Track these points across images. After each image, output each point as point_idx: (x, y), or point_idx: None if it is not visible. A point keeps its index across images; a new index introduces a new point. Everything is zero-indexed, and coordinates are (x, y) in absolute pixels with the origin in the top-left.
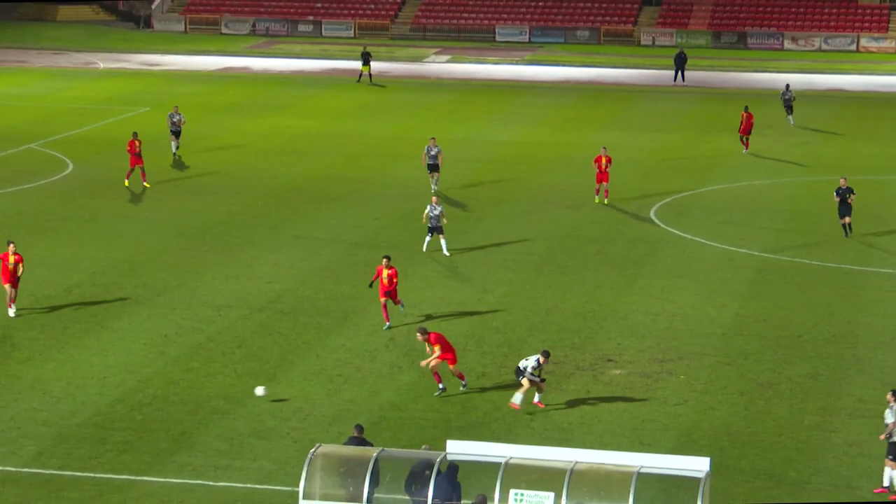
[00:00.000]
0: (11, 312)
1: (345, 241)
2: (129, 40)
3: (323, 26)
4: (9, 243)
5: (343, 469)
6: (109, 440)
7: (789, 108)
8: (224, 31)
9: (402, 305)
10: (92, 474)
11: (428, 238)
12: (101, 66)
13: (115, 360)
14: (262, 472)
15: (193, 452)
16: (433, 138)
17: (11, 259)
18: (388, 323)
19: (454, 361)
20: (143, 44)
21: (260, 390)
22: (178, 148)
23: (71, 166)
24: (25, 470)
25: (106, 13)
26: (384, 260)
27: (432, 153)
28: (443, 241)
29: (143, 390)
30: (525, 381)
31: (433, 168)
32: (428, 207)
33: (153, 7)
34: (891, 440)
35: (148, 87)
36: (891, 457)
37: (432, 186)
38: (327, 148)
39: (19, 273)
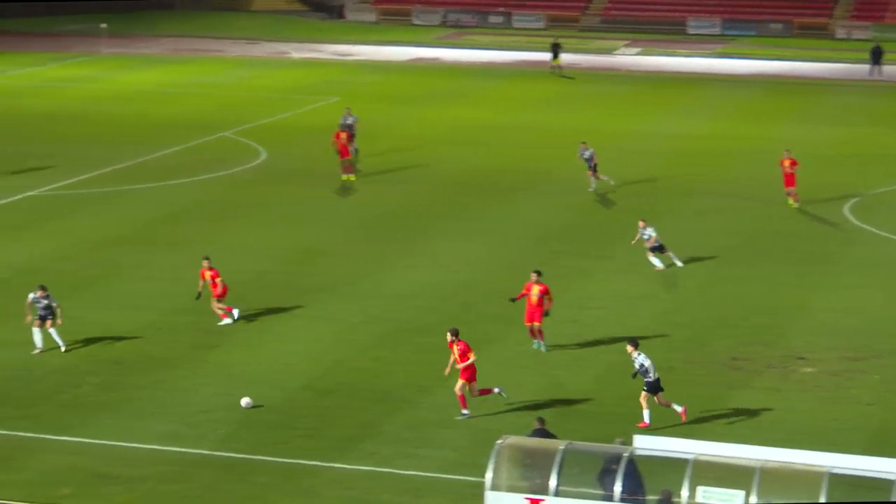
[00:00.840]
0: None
1: (530, 234)
2: (321, 30)
3: (513, 18)
4: (204, 259)
5: (529, 461)
6: (297, 426)
7: None
8: (415, 21)
9: (544, 345)
10: (280, 459)
11: (652, 258)
12: (294, 55)
13: (302, 348)
14: (448, 462)
15: (380, 440)
16: (583, 144)
17: (207, 275)
18: (540, 343)
19: (470, 378)
20: (334, 34)
21: (245, 401)
22: (356, 151)
23: (263, 154)
24: (215, 453)
25: (299, 3)
26: (533, 275)
27: (585, 155)
28: (671, 254)
29: (329, 378)
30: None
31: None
32: (639, 232)
33: None
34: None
35: (339, 77)
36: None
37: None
38: (515, 139)
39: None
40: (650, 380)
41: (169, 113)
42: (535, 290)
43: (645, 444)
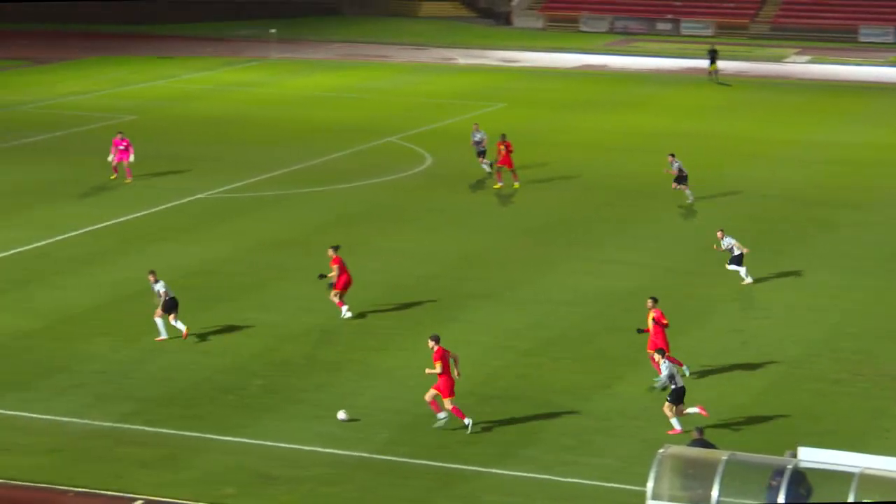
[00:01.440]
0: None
1: (695, 243)
2: (488, 37)
3: (681, 25)
4: (332, 249)
5: (691, 471)
6: (458, 431)
7: None
8: (582, 28)
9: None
10: (440, 463)
11: (730, 267)
12: (460, 61)
13: (465, 352)
14: (608, 470)
15: (540, 447)
16: (672, 156)
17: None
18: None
19: (447, 393)
20: (501, 40)
21: (341, 415)
22: (490, 166)
23: (429, 160)
24: (377, 456)
25: (466, 9)
26: (650, 301)
27: (675, 167)
28: (739, 269)
29: (491, 383)
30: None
31: (680, 180)
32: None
33: (513, 4)
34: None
35: (505, 84)
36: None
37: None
38: (680, 147)
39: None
40: (676, 386)
41: (336, 117)
42: (651, 318)
43: (810, 457)
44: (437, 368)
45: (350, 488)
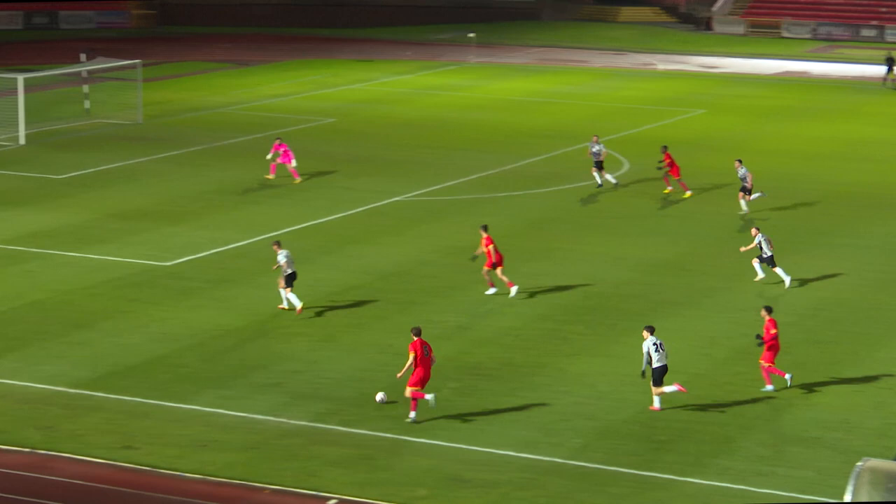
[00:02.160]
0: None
1: None
2: (688, 42)
3: (886, 31)
4: (482, 228)
5: (892, 485)
6: (652, 438)
7: None
8: (784, 34)
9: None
10: (633, 471)
11: (758, 267)
12: (659, 67)
13: None
14: (805, 482)
15: (735, 456)
16: (739, 161)
17: (486, 244)
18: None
19: (417, 382)
20: (701, 45)
21: (380, 396)
22: (602, 183)
23: (626, 165)
24: (570, 462)
25: (666, 15)
26: (763, 311)
27: (740, 174)
28: (779, 271)
29: (688, 391)
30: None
31: (745, 190)
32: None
33: (714, 9)
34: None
35: (704, 90)
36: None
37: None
38: (890, 155)
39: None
40: (656, 366)
41: (533, 122)
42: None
43: None
44: (409, 359)
45: (542, 494)
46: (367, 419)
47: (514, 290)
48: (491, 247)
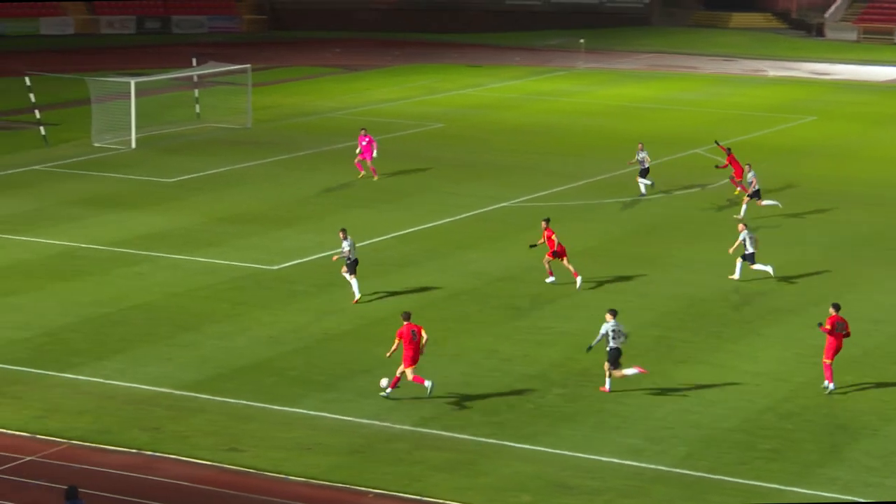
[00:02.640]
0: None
1: None
2: (799, 48)
3: None
4: (543, 220)
5: None
6: (757, 447)
7: None
8: None
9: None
10: (738, 480)
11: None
12: (770, 73)
13: (767, 368)
14: None
15: (842, 467)
16: (748, 166)
17: (547, 234)
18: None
19: (407, 361)
20: (812, 52)
21: (383, 382)
22: (651, 185)
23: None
24: (675, 470)
25: (778, 20)
26: (831, 309)
27: (749, 179)
28: (759, 267)
29: (793, 400)
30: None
31: (756, 195)
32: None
33: (826, 15)
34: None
35: (815, 96)
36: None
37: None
38: None
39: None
40: (609, 347)
41: (642, 128)
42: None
43: None
44: (394, 344)
45: (647, 502)
46: (471, 424)
47: (579, 280)
48: (553, 237)
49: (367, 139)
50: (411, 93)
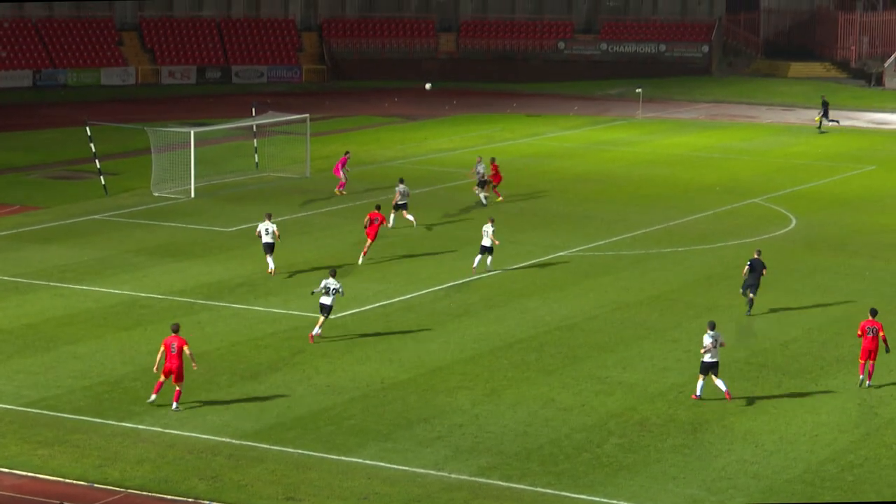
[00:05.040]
0: None
1: None
2: (859, 97)
3: None
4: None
5: None
6: (817, 497)
7: None
8: None
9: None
10: None
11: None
12: (841, 123)
13: (828, 419)
14: None
15: None
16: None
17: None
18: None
19: (164, 371)
20: (872, 101)
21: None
22: (484, 195)
23: (794, 221)
24: None
25: (837, 70)
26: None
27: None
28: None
29: (855, 451)
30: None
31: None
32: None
33: (885, 65)
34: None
35: (875, 146)
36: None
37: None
38: None
39: None
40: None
41: (701, 177)
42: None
43: None
44: (159, 352)
45: None
46: (529, 474)
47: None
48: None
49: (344, 160)
50: (469, 142)
